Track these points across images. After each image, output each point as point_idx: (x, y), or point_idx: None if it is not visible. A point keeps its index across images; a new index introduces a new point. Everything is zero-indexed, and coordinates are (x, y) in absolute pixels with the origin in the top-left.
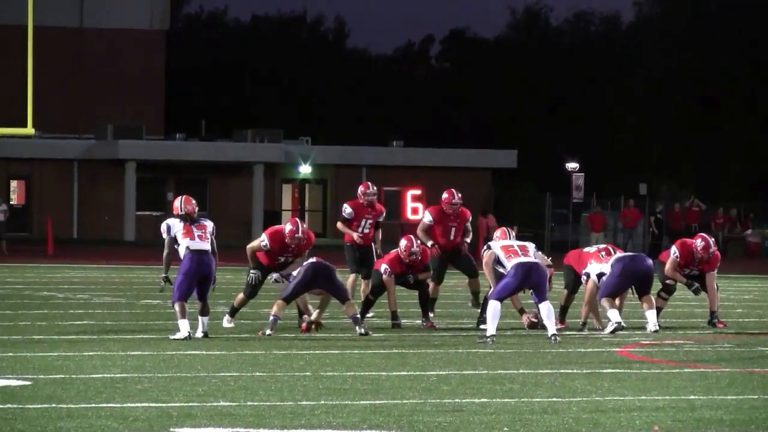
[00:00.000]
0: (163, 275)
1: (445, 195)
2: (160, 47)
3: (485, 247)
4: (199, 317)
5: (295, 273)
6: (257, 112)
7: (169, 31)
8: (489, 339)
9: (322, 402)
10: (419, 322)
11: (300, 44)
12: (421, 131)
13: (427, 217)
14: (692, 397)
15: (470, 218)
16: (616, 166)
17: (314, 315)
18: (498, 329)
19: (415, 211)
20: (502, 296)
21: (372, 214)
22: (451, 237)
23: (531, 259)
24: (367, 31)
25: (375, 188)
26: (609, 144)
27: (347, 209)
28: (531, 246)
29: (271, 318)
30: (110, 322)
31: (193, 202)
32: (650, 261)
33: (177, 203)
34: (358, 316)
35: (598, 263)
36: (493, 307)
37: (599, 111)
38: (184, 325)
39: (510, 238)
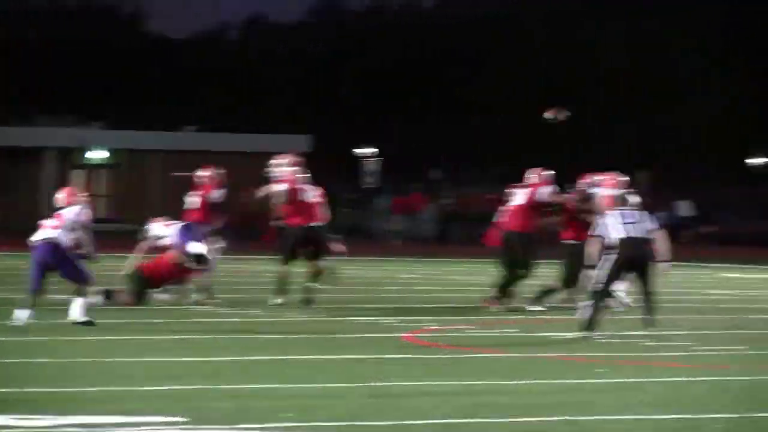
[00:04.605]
0: None
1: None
2: None
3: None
4: None
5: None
6: (50, 95)
7: None
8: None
9: (106, 388)
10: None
11: (97, 26)
12: (218, 116)
13: None
14: (476, 382)
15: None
16: (413, 152)
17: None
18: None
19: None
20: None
21: None
22: None
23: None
24: (165, 15)
25: None
26: (405, 129)
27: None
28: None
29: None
30: None
31: None
32: None
33: None
34: None
35: None
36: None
37: (387, 96)
38: None
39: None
